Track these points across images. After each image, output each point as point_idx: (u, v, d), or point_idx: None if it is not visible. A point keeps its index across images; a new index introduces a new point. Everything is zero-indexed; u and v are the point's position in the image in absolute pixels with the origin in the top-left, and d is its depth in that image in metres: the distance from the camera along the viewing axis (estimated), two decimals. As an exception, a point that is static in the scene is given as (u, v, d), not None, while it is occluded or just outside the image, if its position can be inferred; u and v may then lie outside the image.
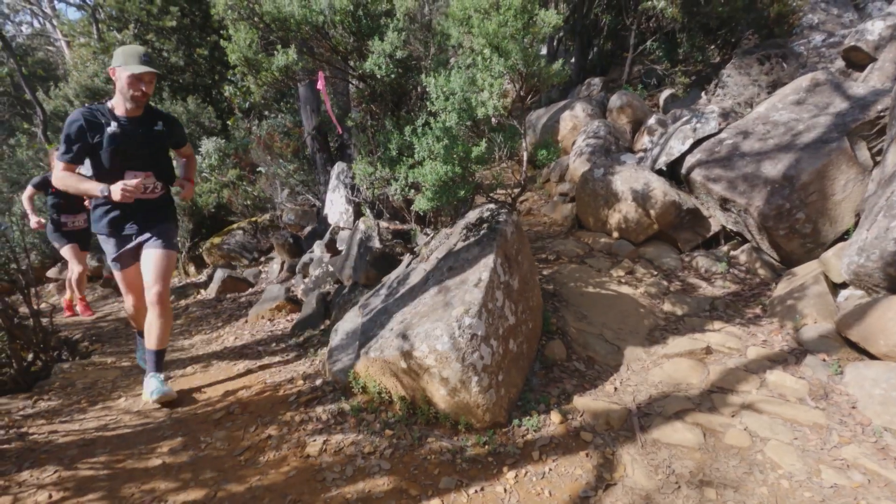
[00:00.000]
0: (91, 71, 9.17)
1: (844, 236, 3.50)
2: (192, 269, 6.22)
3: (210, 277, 5.80)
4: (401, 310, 2.59)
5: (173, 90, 9.69)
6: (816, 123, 3.85)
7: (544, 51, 9.18)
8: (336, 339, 2.93)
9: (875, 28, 4.52)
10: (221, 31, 3.13)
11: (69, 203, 4.59)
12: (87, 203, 4.30)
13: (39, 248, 7.25)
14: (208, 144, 7.07)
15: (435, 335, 2.22)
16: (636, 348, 2.97)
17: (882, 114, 3.69)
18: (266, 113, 8.28)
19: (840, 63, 5.11)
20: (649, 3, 5.82)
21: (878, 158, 3.60)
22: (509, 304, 2.49)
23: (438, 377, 2.21)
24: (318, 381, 2.79)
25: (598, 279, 3.70)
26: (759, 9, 5.97)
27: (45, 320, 3.53)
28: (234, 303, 5.18)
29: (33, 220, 4.48)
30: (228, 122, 8.28)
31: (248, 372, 3.11)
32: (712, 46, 6.56)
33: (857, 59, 4.78)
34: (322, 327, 3.77)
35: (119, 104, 2.47)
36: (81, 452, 2.20)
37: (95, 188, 2.36)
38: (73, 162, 2.41)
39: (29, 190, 4.51)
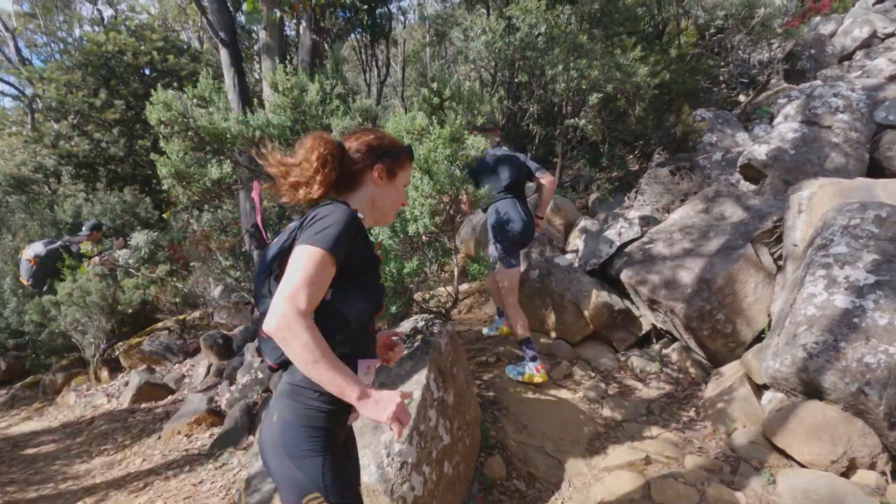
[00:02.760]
0: (19, 160, 8.80)
1: (761, 335, 3.72)
2: (104, 374, 5.62)
3: (125, 384, 5.25)
4: (328, 432, 2.40)
5: (110, 180, 9.42)
6: (724, 230, 4.24)
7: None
8: (257, 463, 2.66)
9: (761, 150, 5.22)
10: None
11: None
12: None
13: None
14: (139, 237, 6.75)
15: (362, 464, 2.05)
16: (577, 461, 2.88)
17: (777, 223, 4.13)
18: (206, 206, 8.14)
19: (739, 176, 5.78)
20: (571, 121, 6.47)
21: (780, 263, 3.97)
22: (443, 423, 2.38)
23: (366, 513, 2.01)
24: (232, 519, 2.47)
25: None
26: (668, 127, 6.79)
27: None
28: (148, 413, 4.67)
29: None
30: (164, 215, 8.04)
31: (151, 507, 2.73)
32: (630, 156, 7.30)
33: (752, 175, 5.44)
34: (245, 444, 3.44)
35: None
36: None
37: None
38: None
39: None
